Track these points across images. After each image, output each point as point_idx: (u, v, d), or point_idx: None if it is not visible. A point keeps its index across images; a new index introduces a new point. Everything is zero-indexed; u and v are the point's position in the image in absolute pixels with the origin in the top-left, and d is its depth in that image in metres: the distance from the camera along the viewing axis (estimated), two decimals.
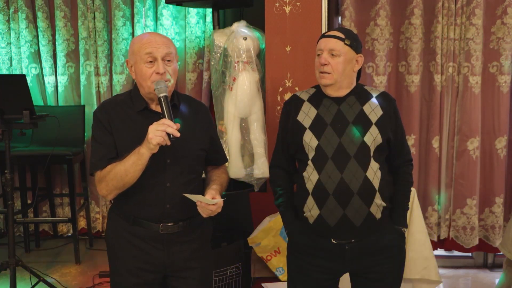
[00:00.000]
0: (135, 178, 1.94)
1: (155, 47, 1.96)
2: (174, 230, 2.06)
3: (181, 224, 2.07)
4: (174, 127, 1.87)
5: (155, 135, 1.86)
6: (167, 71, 1.98)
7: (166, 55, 1.98)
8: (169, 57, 1.98)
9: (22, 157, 3.99)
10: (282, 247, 2.99)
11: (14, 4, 4.35)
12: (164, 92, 1.94)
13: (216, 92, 3.57)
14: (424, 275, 3.03)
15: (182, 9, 4.20)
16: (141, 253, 2.07)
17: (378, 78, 3.84)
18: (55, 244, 4.49)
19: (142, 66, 1.98)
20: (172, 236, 2.07)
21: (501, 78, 3.76)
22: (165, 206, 2.03)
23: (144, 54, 1.97)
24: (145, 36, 2.02)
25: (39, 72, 4.45)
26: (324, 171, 2.02)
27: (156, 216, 2.04)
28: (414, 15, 3.73)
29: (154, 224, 2.05)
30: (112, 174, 1.96)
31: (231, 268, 3.08)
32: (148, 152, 1.89)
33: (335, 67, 2.05)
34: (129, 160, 1.92)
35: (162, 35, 2.07)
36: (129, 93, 2.11)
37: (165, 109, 1.92)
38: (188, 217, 2.08)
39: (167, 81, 1.98)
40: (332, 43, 2.06)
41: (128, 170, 1.92)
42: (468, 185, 3.82)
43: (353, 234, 2.06)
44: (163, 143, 1.87)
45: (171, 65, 2.00)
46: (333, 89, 2.10)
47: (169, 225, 2.05)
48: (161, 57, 1.97)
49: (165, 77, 1.98)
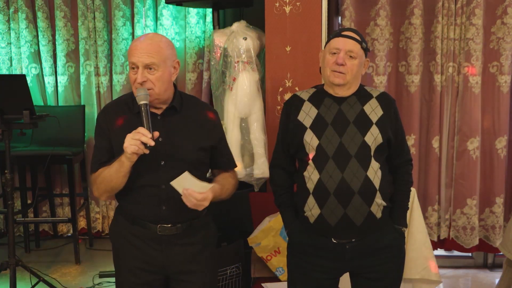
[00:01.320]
0: (121, 183, 1.98)
1: (137, 56, 1.96)
2: (173, 232, 2.06)
3: (179, 226, 2.06)
4: (149, 136, 1.87)
5: (130, 144, 1.87)
6: (149, 79, 1.96)
7: (147, 65, 1.96)
8: (151, 66, 1.96)
9: (22, 157, 3.99)
10: (282, 247, 2.99)
11: (14, 4, 4.35)
12: (143, 100, 1.95)
13: (216, 92, 3.56)
14: (424, 275, 3.03)
15: (182, 9, 4.20)
16: (140, 253, 2.07)
17: (378, 78, 3.84)
18: (55, 244, 4.49)
19: (130, 71, 2.01)
20: (171, 238, 2.06)
21: (501, 78, 3.76)
22: (161, 208, 2.03)
23: (129, 61, 2.00)
24: (136, 41, 2.01)
25: (39, 72, 4.45)
26: (325, 170, 2.02)
27: (153, 217, 2.04)
28: (414, 15, 3.73)
29: (152, 224, 2.05)
30: (101, 178, 2.00)
31: (231, 268, 3.08)
32: (127, 160, 1.91)
33: (350, 68, 2.06)
34: (114, 166, 1.96)
35: (155, 39, 2.02)
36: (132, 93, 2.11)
37: (143, 118, 1.93)
38: (187, 219, 2.07)
39: (150, 89, 1.97)
40: (351, 44, 2.06)
41: (112, 175, 1.97)
42: (468, 185, 3.82)
43: (353, 233, 2.06)
44: (139, 152, 1.88)
45: (154, 73, 1.97)
46: (343, 90, 2.10)
47: (166, 227, 2.05)
48: (142, 66, 1.96)
49: (147, 86, 1.97)
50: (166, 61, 2.00)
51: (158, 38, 2.04)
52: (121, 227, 2.12)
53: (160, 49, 1.98)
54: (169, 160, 2.02)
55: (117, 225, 2.15)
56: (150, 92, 1.97)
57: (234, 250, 3.12)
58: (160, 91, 2.00)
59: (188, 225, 2.08)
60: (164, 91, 2.01)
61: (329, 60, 2.08)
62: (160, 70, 1.97)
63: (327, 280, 2.14)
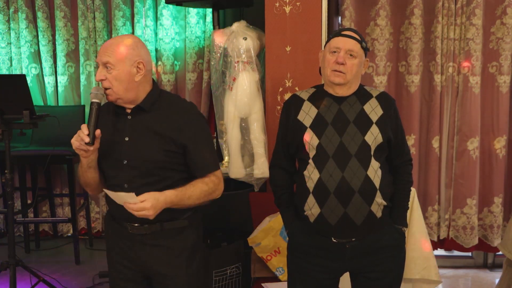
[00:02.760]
0: (86, 178, 2.08)
1: (98, 55, 2.03)
2: (141, 232, 2.07)
3: (147, 227, 2.05)
4: (86, 133, 1.93)
5: (74, 140, 1.95)
6: (107, 78, 2.00)
7: (104, 64, 2.00)
8: (107, 65, 1.99)
9: (22, 157, 3.99)
10: (282, 247, 2.99)
11: (14, 4, 4.35)
12: (94, 98, 1.99)
13: (216, 92, 3.57)
14: (424, 275, 3.03)
15: (182, 9, 4.20)
16: (119, 249, 2.14)
17: (378, 78, 3.85)
18: (55, 244, 4.49)
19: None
20: (143, 238, 2.08)
21: (500, 78, 3.76)
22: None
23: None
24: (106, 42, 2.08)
25: (39, 72, 4.45)
26: (325, 170, 2.02)
27: (122, 216, 2.07)
28: (414, 15, 3.73)
29: (125, 223, 2.09)
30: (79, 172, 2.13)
31: (231, 268, 3.09)
32: (80, 156, 2.01)
33: (350, 68, 2.06)
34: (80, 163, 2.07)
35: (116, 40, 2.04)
36: None
37: (90, 115, 1.98)
38: (156, 221, 2.02)
39: (108, 89, 2.00)
40: (351, 44, 2.06)
41: (79, 171, 2.11)
42: (468, 185, 3.83)
43: (353, 233, 2.06)
44: (80, 147, 1.94)
45: (111, 72, 1.99)
46: (343, 89, 2.10)
47: (135, 226, 2.07)
48: (102, 63, 2.01)
49: (104, 85, 2.01)
50: (125, 61, 1.99)
51: (122, 38, 2.06)
52: (107, 224, 2.22)
53: (118, 49, 2.00)
54: (132, 160, 2.03)
55: (106, 221, 2.24)
56: (108, 91, 2.01)
57: (234, 250, 3.12)
58: (118, 91, 2.00)
59: (158, 226, 2.06)
60: (124, 91, 2.01)
61: (329, 59, 2.08)
62: (116, 69, 1.99)
63: (327, 280, 2.15)
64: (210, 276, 3.00)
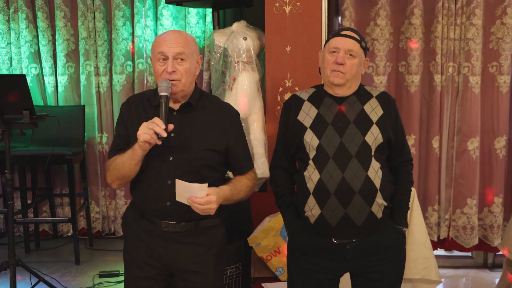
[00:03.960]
0: (132, 171, 2.00)
1: (167, 46, 1.99)
2: (177, 230, 2.07)
3: (183, 225, 2.07)
4: (162, 127, 1.88)
5: (143, 133, 1.89)
6: (177, 70, 1.99)
7: (177, 54, 1.99)
8: (181, 56, 1.99)
9: (22, 157, 3.99)
10: (282, 247, 2.99)
11: (14, 4, 4.35)
12: (164, 91, 1.96)
13: (216, 92, 3.57)
14: (424, 275, 3.03)
15: (182, 9, 4.20)
16: (146, 247, 2.09)
17: (378, 78, 3.85)
18: (55, 244, 4.49)
19: (155, 64, 2.03)
20: (176, 236, 2.07)
21: (500, 78, 3.76)
22: (165, 203, 2.04)
23: (157, 52, 2.01)
24: (163, 34, 2.06)
25: (39, 72, 4.45)
26: (326, 170, 2.02)
27: (159, 212, 2.06)
28: (414, 15, 3.73)
29: (158, 220, 2.07)
30: (114, 164, 2.03)
31: (231, 268, 3.08)
32: (139, 149, 1.93)
33: (350, 68, 2.06)
34: (127, 154, 1.97)
35: (181, 33, 2.07)
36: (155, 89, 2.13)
37: (161, 108, 1.94)
38: (192, 219, 2.06)
39: (177, 80, 1.99)
40: (350, 43, 2.06)
41: (125, 163, 1.98)
42: (468, 185, 3.83)
43: (354, 233, 2.06)
44: (150, 141, 1.89)
45: (183, 64, 2.00)
46: (342, 89, 2.10)
47: (171, 224, 2.06)
48: (172, 56, 1.98)
49: (175, 76, 1.99)
50: (193, 54, 2.05)
51: (184, 32, 2.11)
52: (131, 219, 2.15)
53: (188, 42, 2.03)
54: (178, 157, 2.03)
55: (128, 217, 2.18)
56: (176, 83, 2.00)
57: (234, 250, 3.12)
58: (186, 83, 2.02)
59: (194, 224, 2.08)
60: (189, 84, 2.05)
61: (328, 59, 2.08)
62: (188, 61, 2.02)
63: (327, 280, 2.14)
64: None
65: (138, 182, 2.07)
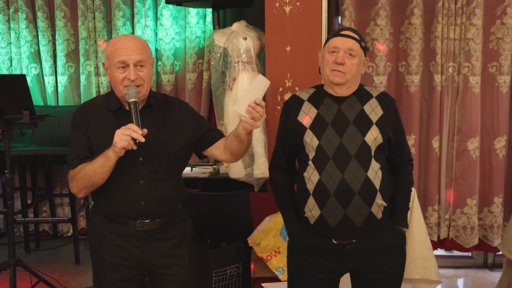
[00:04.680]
0: (103, 178, 2.01)
1: (127, 54, 2.01)
2: (151, 227, 2.11)
3: (158, 221, 2.11)
4: (140, 132, 1.91)
5: (120, 139, 1.90)
6: (139, 76, 2.03)
7: (137, 62, 2.02)
8: (141, 63, 2.03)
9: (22, 157, 3.98)
10: (282, 247, 2.99)
11: (14, 4, 4.35)
12: (133, 97, 2.00)
13: (216, 92, 3.57)
14: (424, 275, 3.03)
15: (182, 9, 4.20)
16: (119, 249, 2.12)
17: (378, 78, 3.84)
18: (55, 244, 4.49)
19: (114, 71, 2.04)
20: (150, 233, 2.11)
21: (500, 78, 3.76)
22: (140, 203, 2.07)
23: (116, 61, 2.02)
24: (118, 41, 2.06)
25: (39, 72, 4.45)
26: (325, 171, 2.02)
27: (132, 213, 2.08)
28: (414, 15, 3.73)
29: (131, 221, 2.09)
30: (81, 173, 2.02)
31: (231, 268, 3.08)
32: (114, 155, 1.94)
33: (350, 67, 2.06)
34: (98, 161, 1.98)
35: (136, 38, 2.11)
36: (108, 94, 2.18)
37: (133, 115, 1.97)
38: (165, 214, 2.12)
39: (140, 86, 2.03)
40: (350, 43, 2.06)
41: (96, 171, 1.98)
42: (468, 185, 3.82)
43: (354, 234, 2.06)
44: (128, 147, 1.92)
45: (143, 70, 2.04)
46: (342, 89, 2.10)
47: (145, 222, 2.10)
48: (133, 63, 2.01)
49: (138, 83, 2.03)
50: (150, 59, 2.10)
51: (138, 37, 2.14)
52: (98, 226, 2.16)
53: (145, 47, 2.07)
54: (147, 156, 2.06)
55: (94, 224, 2.19)
56: (140, 89, 2.04)
57: (234, 250, 3.12)
58: (148, 87, 2.08)
59: (165, 220, 2.13)
60: (149, 88, 2.10)
61: (328, 59, 2.08)
62: (147, 67, 2.06)
63: (327, 280, 2.14)
64: (210, 276, 3.00)
65: (106, 188, 2.06)
